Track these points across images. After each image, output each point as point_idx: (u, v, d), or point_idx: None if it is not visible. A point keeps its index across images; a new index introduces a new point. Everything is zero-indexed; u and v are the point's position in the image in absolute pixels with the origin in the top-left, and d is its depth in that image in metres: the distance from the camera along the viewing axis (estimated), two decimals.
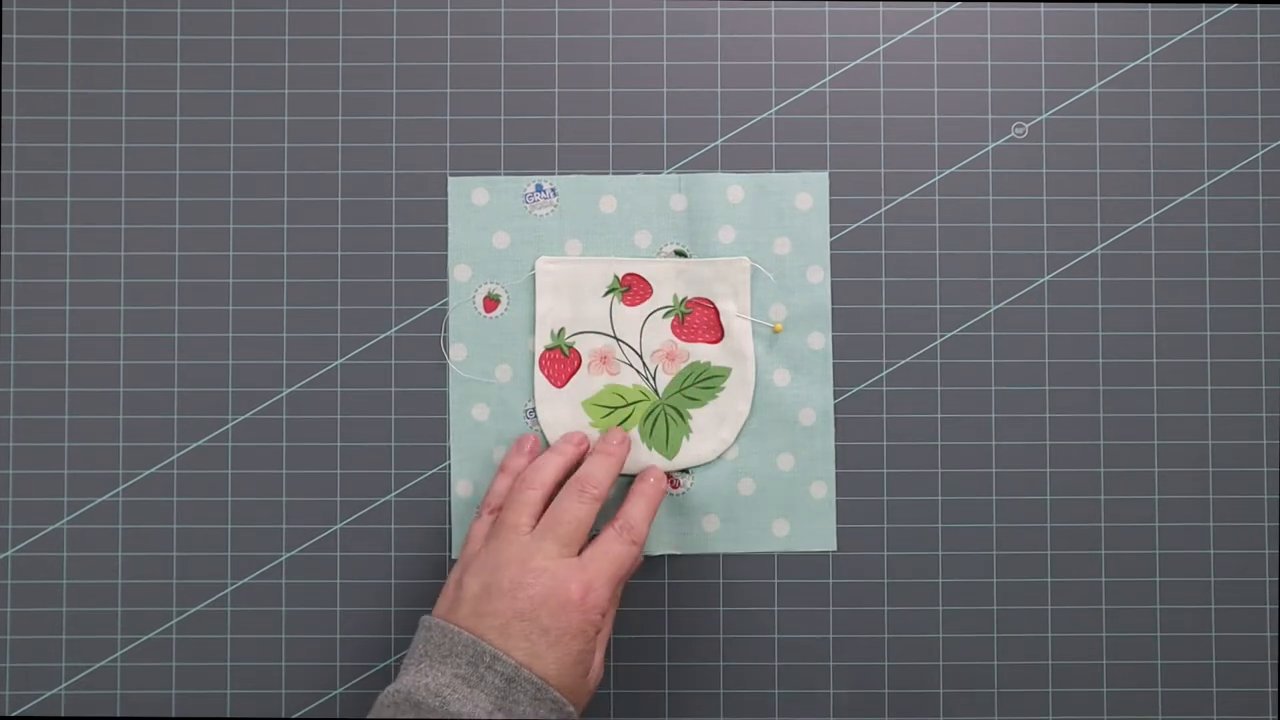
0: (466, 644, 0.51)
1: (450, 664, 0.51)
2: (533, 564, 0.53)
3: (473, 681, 0.50)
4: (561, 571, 0.52)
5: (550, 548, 0.53)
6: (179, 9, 0.62)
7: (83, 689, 0.61)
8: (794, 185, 0.62)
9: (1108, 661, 0.61)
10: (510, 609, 0.51)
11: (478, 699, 0.50)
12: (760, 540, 0.61)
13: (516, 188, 0.62)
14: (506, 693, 0.50)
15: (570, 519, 0.54)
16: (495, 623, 0.51)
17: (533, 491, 0.55)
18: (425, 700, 0.49)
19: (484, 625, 0.51)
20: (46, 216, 0.62)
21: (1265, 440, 0.62)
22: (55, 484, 0.61)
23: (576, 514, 0.54)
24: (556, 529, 0.54)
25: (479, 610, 0.52)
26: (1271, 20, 0.62)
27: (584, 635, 0.52)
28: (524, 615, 0.51)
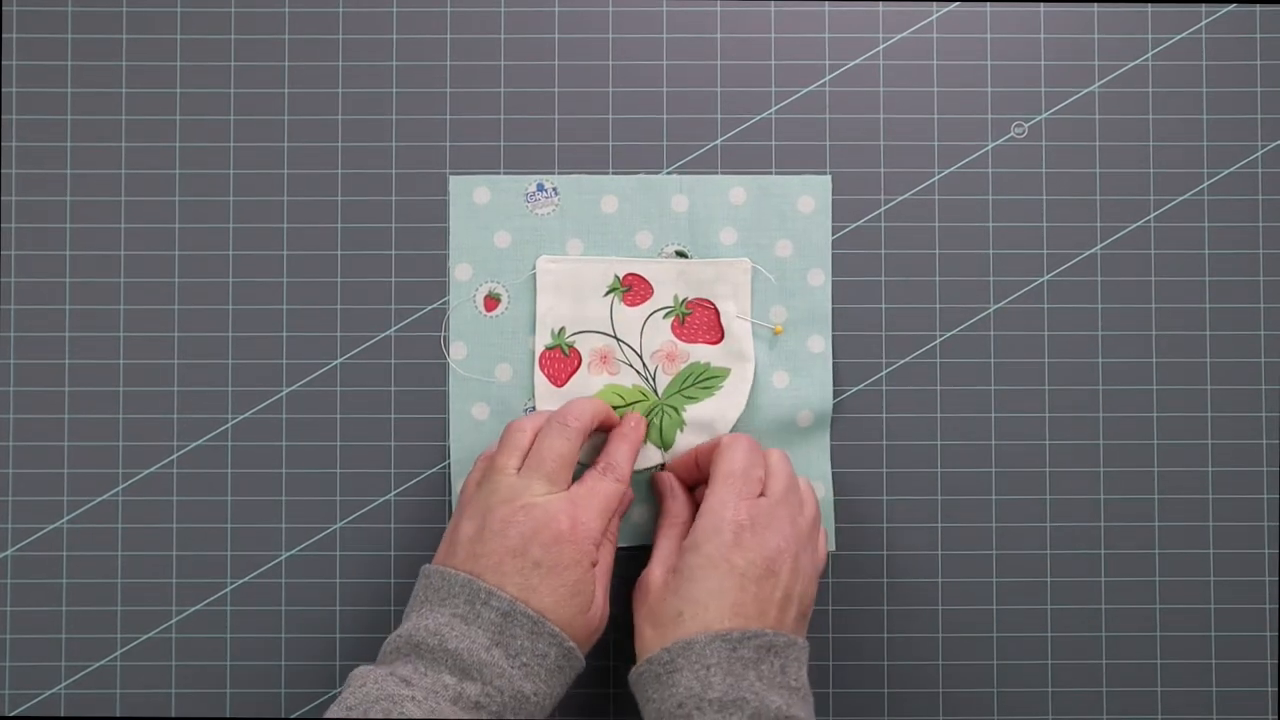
0: (463, 584, 0.51)
1: (449, 605, 0.51)
2: (520, 501, 0.53)
3: (469, 619, 0.51)
4: (549, 505, 0.53)
5: (537, 485, 0.54)
6: (179, 9, 0.62)
7: (82, 688, 0.61)
8: (796, 188, 0.62)
9: (1108, 661, 0.61)
10: (502, 547, 0.52)
11: (474, 635, 0.50)
12: None
13: (518, 187, 0.62)
14: (503, 627, 0.50)
15: (553, 454, 0.55)
16: (489, 562, 0.52)
17: (521, 434, 0.56)
18: (424, 640, 0.50)
19: (480, 566, 0.52)
20: (46, 216, 0.62)
21: (1265, 440, 0.62)
22: (55, 483, 0.61)
23: (558, 449, 0.55)
24: (541, 466, 0.54)
25: (474, 552, 0.52)
26: (1271, 20, 0.62)
27: (578, 566, 0.52)
28: (516, 552, 0.52)
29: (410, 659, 0.50)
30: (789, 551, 0.53)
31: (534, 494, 0.54)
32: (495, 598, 0.51)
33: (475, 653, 0.50)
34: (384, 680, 0.49)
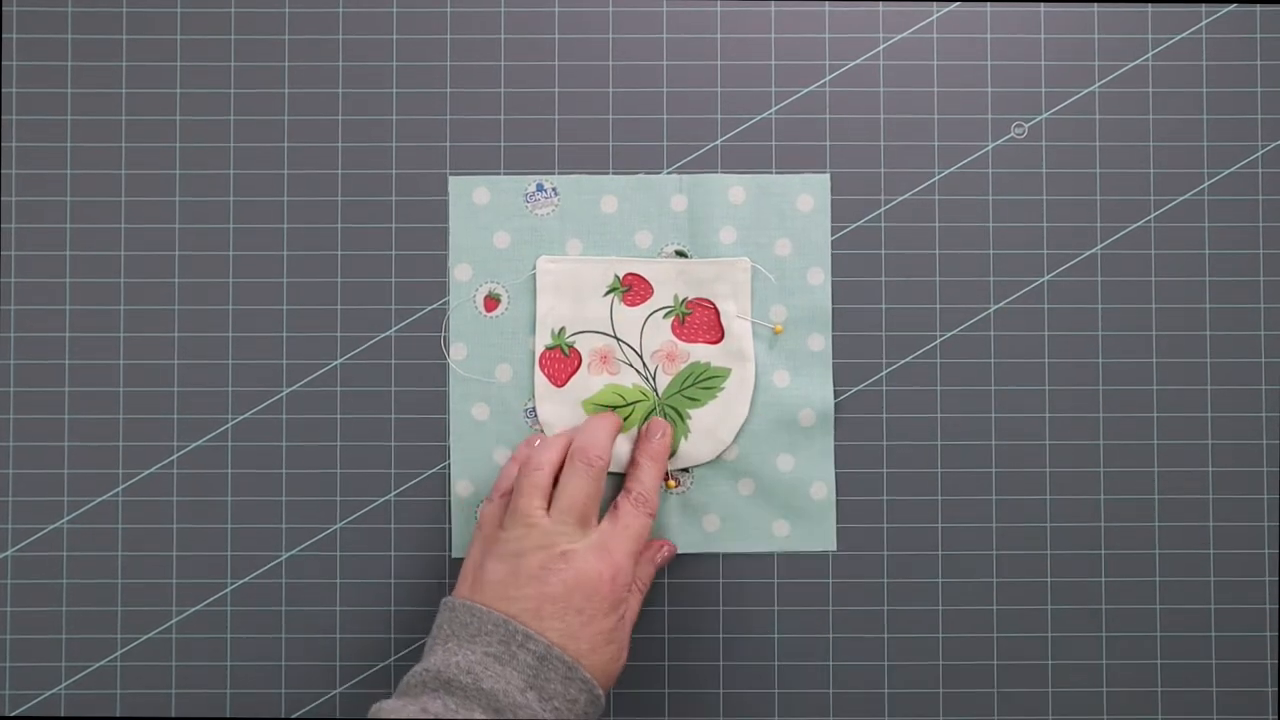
0: (497, 623, 0.51)
1: (480, 642, 0.51)
2: (558, 549, 0.53)
3: (504, 659, 0.50)
4: (590, 557, 0.53)
5: (571, 531, 0.54)
6: (179, 9, 0.62)
7: (82, 689, 0.61)
8: (795, 187, 0.62)
9: (1108, 661, 0.61)
10: (540, 593, 0.52)
11: (509, 675, 0.50)
12: (760, 540, 0.61)
13: (517, 187, 0.62)
14: (538, 671, 0.50)
15: (581, 496, 0.55)
16: (526, 606, 0.52)
17: (539, 473, 0.56)
18: (456, 677, 0.50)
19: (514, 608, 0.52)
20: (46, 216, 0.62)
21: (1265, 440, 0.62)
22: (55, 484, 0.61)
23: (586, 490, 0.55)
24: (573, 510, 0.54)
25: (507, 595, 0.52)
26: (1271, 20, 0.62)
27: (614, 613, 0.53)
28: (556, 599, 0.52)
29: (439, 695, 0.50)
30: None
31: (570, 540, 0.54)
32: (533, 640, 0.51)
33: (510, 694, 0.49)
34: (414, 716, 0.49)
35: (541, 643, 0.51)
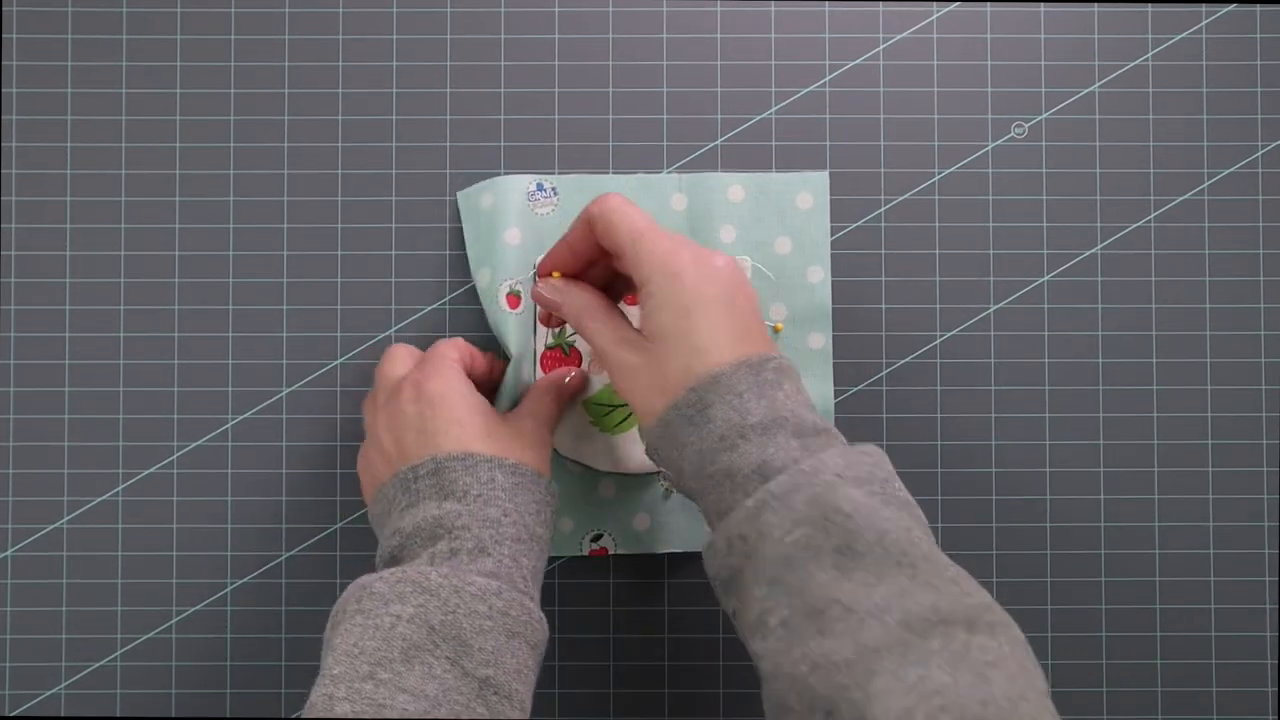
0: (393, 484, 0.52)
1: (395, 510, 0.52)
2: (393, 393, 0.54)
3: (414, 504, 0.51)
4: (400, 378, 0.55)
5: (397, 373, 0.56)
6: (179, 9, 0.62)
7: (82, 688, 0.61)
8: (795, 185, 0.62)
9: (1107, 661, 0.61)
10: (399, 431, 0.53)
11: (424, 508, 0.50)
12: None
13: (519, 186, 0.61)
14: (439, 483, 0.51)
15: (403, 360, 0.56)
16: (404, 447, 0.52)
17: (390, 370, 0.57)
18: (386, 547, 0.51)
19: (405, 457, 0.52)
20: (46, 216, 0.62)
21: (1265, 440, 0.62)
22: (55, 484, 0.61)
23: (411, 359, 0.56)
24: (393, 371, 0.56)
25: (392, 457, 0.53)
26: (1271, 20, 0.62)
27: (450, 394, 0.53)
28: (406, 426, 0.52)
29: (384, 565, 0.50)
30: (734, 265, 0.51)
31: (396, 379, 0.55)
32: (417, 467, 0.51)
33: (430, 514, 0.50)
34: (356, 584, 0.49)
35: (424, 463, 0.51)
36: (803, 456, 0.46)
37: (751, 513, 0.45)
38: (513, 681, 0.47)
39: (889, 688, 0.40)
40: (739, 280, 0.50)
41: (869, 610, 0.42)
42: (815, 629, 0.43)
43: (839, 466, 0.45)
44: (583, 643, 0.62)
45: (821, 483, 0.44)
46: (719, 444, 0.47)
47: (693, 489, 0.49)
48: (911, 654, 0.41)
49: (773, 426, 0.47)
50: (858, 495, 0.44)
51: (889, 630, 0.41)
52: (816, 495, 0.44)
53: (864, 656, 0.41)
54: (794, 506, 0.44)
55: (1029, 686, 0.40)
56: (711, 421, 0.47)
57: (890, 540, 0.43)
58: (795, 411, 0.47)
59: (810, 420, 0.48)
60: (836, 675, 0.41)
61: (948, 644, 0.41)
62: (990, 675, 0.40)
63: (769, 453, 0.46)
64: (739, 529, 0.46)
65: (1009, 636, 0.42)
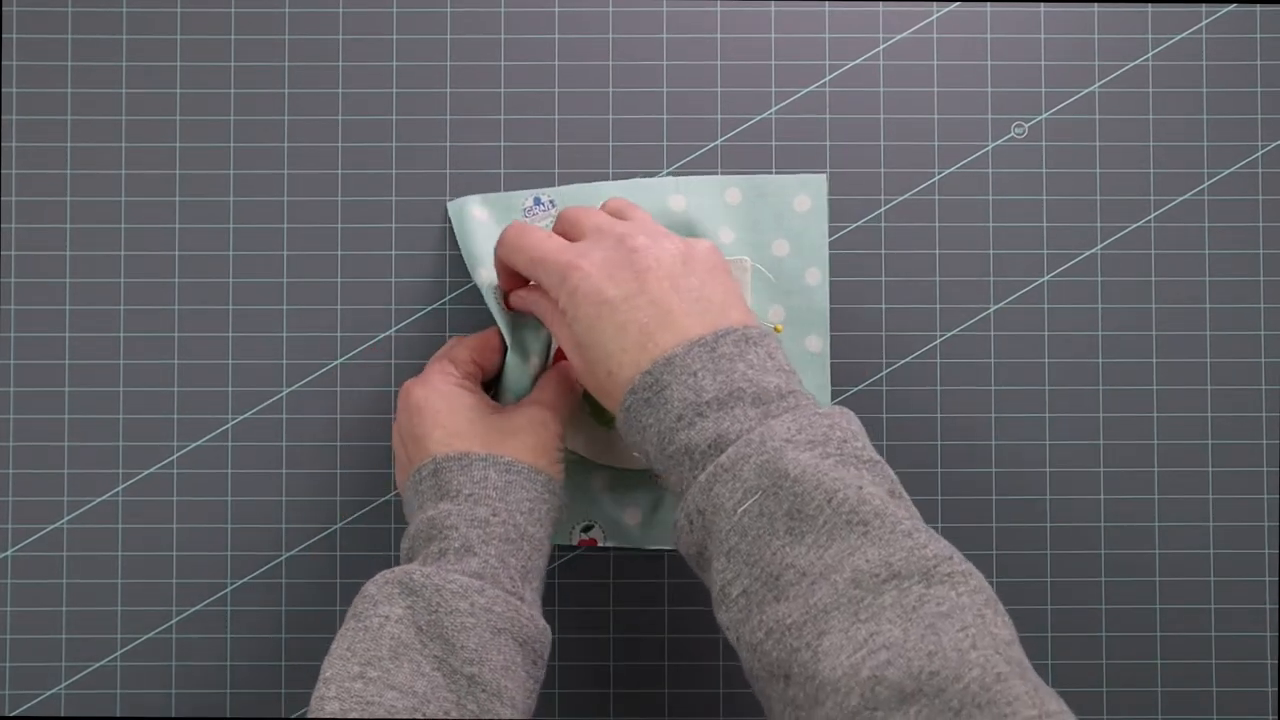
0: (406, 494, 0.53)
1: (413, 521, 0.52)
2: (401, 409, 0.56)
3: (423, 504, 0.52)
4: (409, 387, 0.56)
5: None
6: (179, 9, 0.62)
7: (82, 689, 0.61)
8: (793, 187, 0.61)
9: (1108, 661, 0.61)
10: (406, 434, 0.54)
11: (426, 507, 0.52)
12: None
13: (515, 203, 0.61)
14: (437, 483, 0.52)
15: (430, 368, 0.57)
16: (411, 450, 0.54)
17: None
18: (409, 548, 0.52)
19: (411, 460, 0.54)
20: (46, 216, 0.62)
21: (1265, 440, 0.62)
22: (55, 484, 0.61)
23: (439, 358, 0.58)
24: None
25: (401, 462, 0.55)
26: (1271, 20, 0.62)
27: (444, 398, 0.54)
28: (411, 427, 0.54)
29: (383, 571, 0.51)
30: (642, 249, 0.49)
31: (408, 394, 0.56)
32: (421, 469, 0.52)
33: (428, 517, 0.51)
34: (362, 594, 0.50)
35: (426, 465, 0.52)
36: (756, 425, 0.46)
37: (704, 486, 0.45)
38: (500, 679, 0.47)
39: (838, 645, 0.40)
40: (670, 266, 0.49)
41: (820, 572, 0.42)
42: (772, 596, 0.43)
43: (789, 431, 0.45)
44: (583, 643, 0.62)
45: (770, 449, 0.44)
46: (677, 423, 0.47)
47: (660, 469, 0.49)
48: (863, 611, 0.41)
49: (730, 399, 0.46)
50: (806, 458, 0.44)
51: (839, 589, 0.41)
52: (765, 462, 0.44)
53: (815, 618, 0.41)
54: (743, 476, 0.44)
55: (982, 634, 0.39)
56: (668, 402, 0.47)
57: (840, 499, 0.43)
58: (756, 380, 0.47)
59: (774, 385, 0.47)
60: (789, 638, 0.42)
61: (901, 598, 0.41)
62: (941, 626, 0.39)
63: (724, 426, 0.46)
64: (695, 504, 0.46)
65: (969, 587, 0.41)
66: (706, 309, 0.49)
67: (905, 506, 0.44)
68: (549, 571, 0.62)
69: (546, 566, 0.53)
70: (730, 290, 0.50)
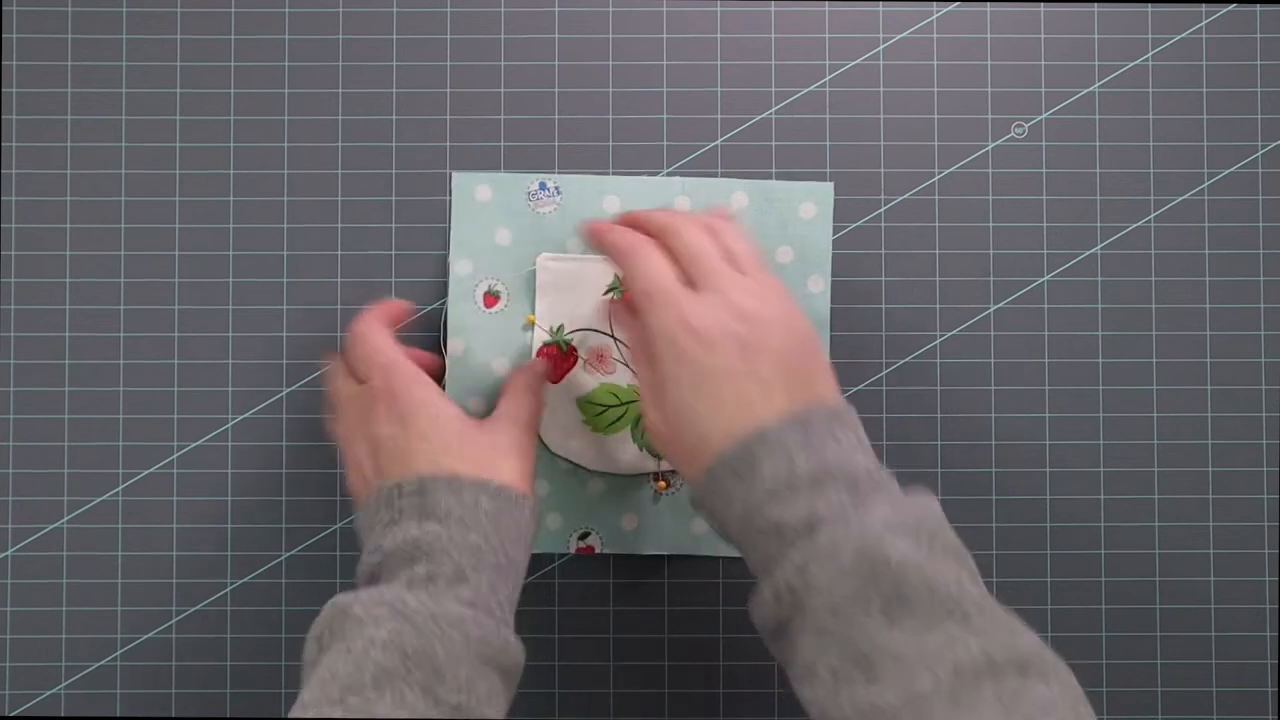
0: (375, 499, 0.51)
1: (377, 526, 0.51)
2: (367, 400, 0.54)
3: (395, 521, 0.50)
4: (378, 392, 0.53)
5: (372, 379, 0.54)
6: (179, 9, 0.62)
7: (83, 689, 0.61)
8: (799, 194, 0.61)
9: (1108, 661, 0.61)
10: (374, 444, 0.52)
11: (406, 528, 0.50)
12: None
13: (520, 185, 0.61)
14: (422, 504, 0.50)
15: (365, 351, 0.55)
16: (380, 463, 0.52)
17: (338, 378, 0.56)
18: (367, 565, 0.50)
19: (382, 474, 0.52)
20: (46, 216, 0.62)
21: (1265, 440, 0.62)
22: (55, 484, 0.61)
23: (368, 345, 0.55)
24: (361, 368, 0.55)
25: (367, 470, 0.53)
26: (1271, 20, 0.62)
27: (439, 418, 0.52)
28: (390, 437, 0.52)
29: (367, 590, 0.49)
30: (752, 318, 0.49)
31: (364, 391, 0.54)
32: (404, 485, 0.50)
33: (410, 535, 0.49)
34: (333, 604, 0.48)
35: (412, 479, 0.50)
36: (851, 508, 0.46)
37: (799, 566, 0.45)
38: (484, 707, 0.47)
39: None
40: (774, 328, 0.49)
41: (918, 658, 0.42)
42: (864, 677, 0.43)
43: (887, 517, 0.45)
44: (583, 643, 0.62)
45: (870, 535, 0.45)
46: (766, 498, 0.47)
47: (738, 541, 0.49)
48: (963, 701, 0.41)
49: (823, 479, 0.46)
50: (905, 546, 0.45)
51: (939, 678, 0.42)
52: (865, 547, 0.44)
53: (914, 704, 0.41)
54: (842, 559, 0.45)
55: None
56: (760, 477, 0.47)
57: (939, 589, 0.43)
58: (847, 461, 0.47)
59: (863, 468, 0.47)
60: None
61: (999, 690, 0.41)
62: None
63: (817, 506, 0.46)
64: (787, 581, 0.46)
65: (1061, 681, 0.42)
66: (801, 383, 0.49)
67: (991, 599, 0.45)
68: (549, 572, 0.62)
69: None
70: (821, 363, 0.51)
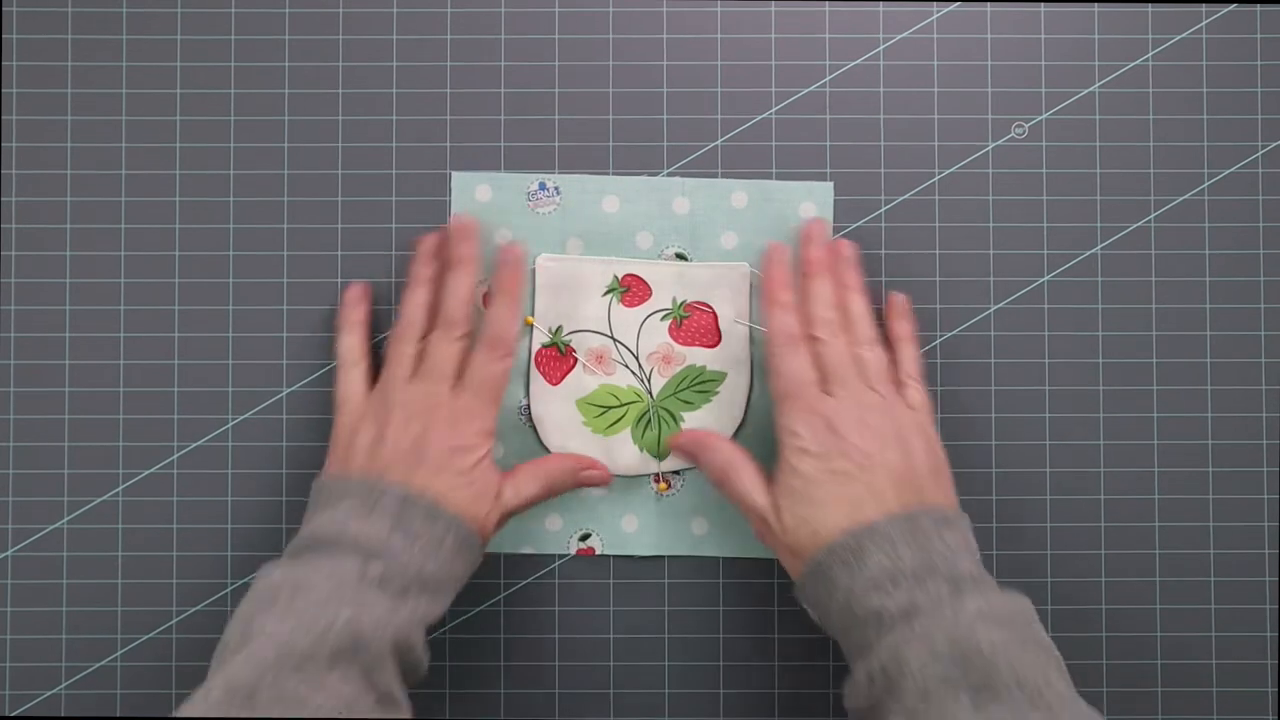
0: (359, 482, 0.53)
1: (345, 503, 0.52)
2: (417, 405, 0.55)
3: (367, 512, 0.52)
4: (439, 403, 0.55)
5: (429, 386, 0.56)
6: (179, 9, 0.62)
7: (83, 689, 0.61)
8: (798, 194, 0.61)
9: (1108, 661, 0.61)
10: (395, 449, 0.54)
11: (375, 522, 0.51)
12: (748, 546, 0.61)
13: (520, 185, 0.61)
14: (400, 515, 0.52)
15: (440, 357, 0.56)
16: (384, 462, 0.54)
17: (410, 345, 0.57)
18: (324, 532, 0.51)
19: (376, 466, 0.54)
20: (46, 216, 0.62)
21: (1265, 440, 0.62)
22: (55, 484, 0.61)
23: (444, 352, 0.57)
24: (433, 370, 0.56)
25: (372, 455, 0.54)
26: (1271, 20, 0.62)
27: (470, 453, 0.54)
28: (409, 450, 0.54)
29: (311, 552, 0.51)
30: (875, 426, 0.54)
31: (427, 395, 0.55)
32: (391, 488, 0.52)
33: (377, 536, 0.51)
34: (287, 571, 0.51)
35: (400, 490, 0.52)
36: (949, 599, 0.48)
37: (893, 648, 0.48)
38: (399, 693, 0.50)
39: None
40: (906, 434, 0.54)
41: None
42: None
43: (982, 608, 0.48)
44: (583, 643, 0.62)
45: (963, 623, 0.47)
46: (871, 587, 0.50)
47: (837, 627, 0.52)
48: None
49: (925, 574, 0.49)
50: (997, 636, 0.47)
51: None
52: (958, 636, 0.47)
53: None
54: (935, 644, 0.47)
55: None
56: (866, 567, 0.50)
57: (1027, 681, 0.46)
58: (951, 560, 0.50)
59: (965, 569, 0.50)
60: None
61: None
62: None
63: (918, 597, 0.49)
64: (881, 662, 0.48)
65: None
66: (914, 483, 0.53)
67: (1078, 700, 0.47)
68: (549, 572, 0.62)
69: None
70: (938, 464, 0.55)
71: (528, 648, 0.62)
